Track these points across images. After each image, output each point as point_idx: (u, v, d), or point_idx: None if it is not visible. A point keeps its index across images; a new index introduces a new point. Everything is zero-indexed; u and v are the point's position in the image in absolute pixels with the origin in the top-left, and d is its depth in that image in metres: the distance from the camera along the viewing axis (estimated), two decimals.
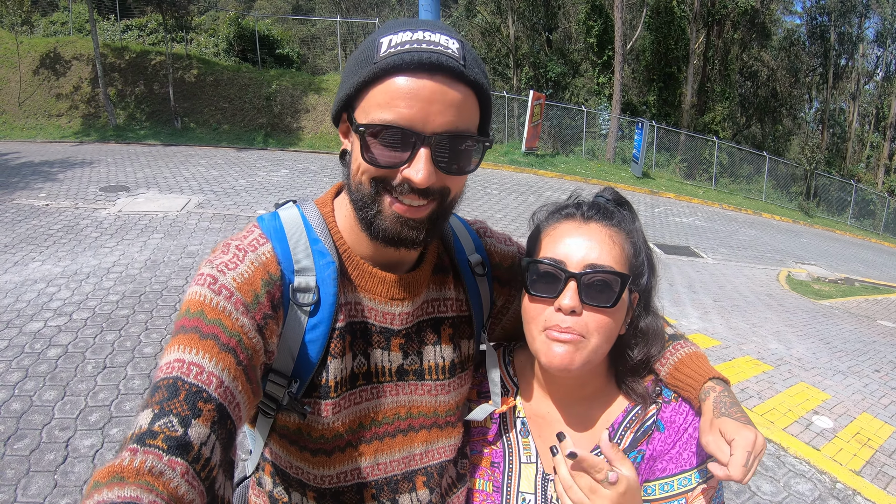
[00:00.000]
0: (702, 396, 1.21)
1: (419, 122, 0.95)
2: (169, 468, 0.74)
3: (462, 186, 1.11)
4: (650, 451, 1.26)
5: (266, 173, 15.74)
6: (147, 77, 22.36)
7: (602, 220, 1.24)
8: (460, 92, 0.97)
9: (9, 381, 5.03)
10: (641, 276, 1.27)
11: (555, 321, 1.18)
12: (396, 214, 1.02)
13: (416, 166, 0.96)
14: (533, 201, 16.40)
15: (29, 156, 16.31)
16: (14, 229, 9.47)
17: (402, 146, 0.97)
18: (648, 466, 1.26)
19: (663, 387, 1.31)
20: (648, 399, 1.29)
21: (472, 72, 0.98)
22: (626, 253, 1.23)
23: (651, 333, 1.29)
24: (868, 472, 5.27)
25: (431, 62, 0.94)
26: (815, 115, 42.50)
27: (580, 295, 1.15)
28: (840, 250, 21.95)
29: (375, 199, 1.03)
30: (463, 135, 0.99)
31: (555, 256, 1.20)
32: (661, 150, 28.54)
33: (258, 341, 0.98)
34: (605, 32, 30.39)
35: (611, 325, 1.19)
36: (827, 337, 9.64)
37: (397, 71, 0.95)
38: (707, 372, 1.24)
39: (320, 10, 40.33)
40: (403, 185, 0.99)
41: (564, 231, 1.24)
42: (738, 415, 1.11)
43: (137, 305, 6.72)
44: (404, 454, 1.24)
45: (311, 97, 22.62)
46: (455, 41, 0.98)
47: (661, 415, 1.28)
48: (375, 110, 0.97)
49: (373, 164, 0.99)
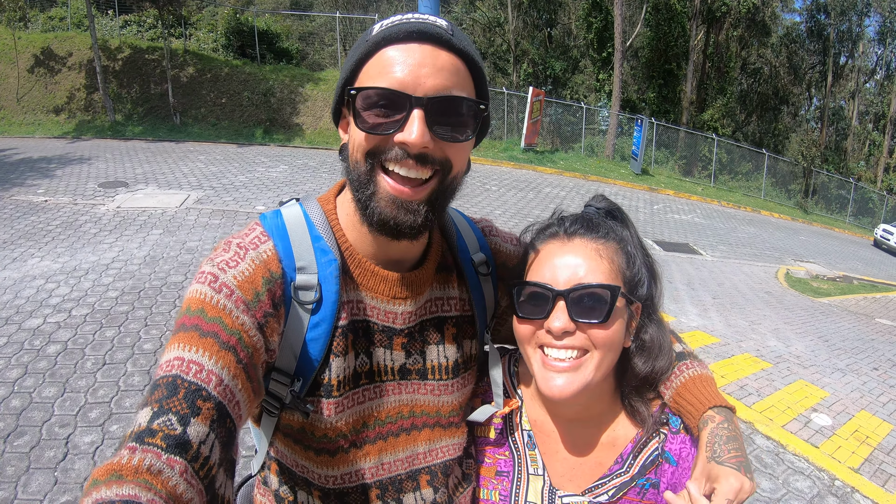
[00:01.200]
0: (700, 426, 1.19)
1: (410, 85, 0.96)
2: (168, 467, 0.73)
3: (464, 162, 1.09)
4: (664, 484, 1.24)
5: (265, 169, 15.73)
6: (145, 73, 22.29)
7: (586, 234, 1.22)
8: (450, 58, 0.99)
9: (8, 377, 5.02)
10: (640, 285, 1.24)
11: (548, 340, 1.17)
12: (391, 196, 1.00)
13: (410, 128, 0.96)
14: (532, 198, 16.40)
15: (27, 152, 16.28)
16: (12, 225, 9.46)
17: (394, 109, 0.97)
18: (659, 495, 1.24)
19: (670, 415, 1.29)
20: (652, 424, 1.27)
21: (459, 41, 1.01)
22: (616, 264, 1.20)
23: (656, 346, 1.26)
24: (866, 469, 5.28)
25: (420, 30, 0.97)
26: (815, 112, 42.52)
27: (570, 313, 1.14)
28: (839, 248, 22.02)
29: (370, 176, 1.02)
30: (456, 97, 0.99)
31: (541, 279, 1.19)
32: (660, 146, 28.57)
33: (259, 339, 0.98)
34: (605, 29, 30.37)
35: (610, 339, 1.17)
36: (826, 335, 9.66)
37: (387, 42, 0.98)
38: (710, 398, 1.22)
39: (319, 5, 40.26)
40: (399, 152, 0.98)
41: (550, 252, 1.23)
42: (731, 453, 1.10)
43: (137, 301, 6.72)
44: (408, 453, 1.23)
45: (309, 92, 22.60)
46: (443, 20, 1.02)
47: (668, 445, 1.26)
48: (369, 81, 0.99)
49: (367, 131, 0.99)
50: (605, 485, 1.27)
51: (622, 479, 1.26)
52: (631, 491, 1.25)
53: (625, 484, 1.25)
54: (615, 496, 1.25)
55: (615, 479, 1.27)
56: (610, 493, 1.26)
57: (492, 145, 23.98)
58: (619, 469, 1.27)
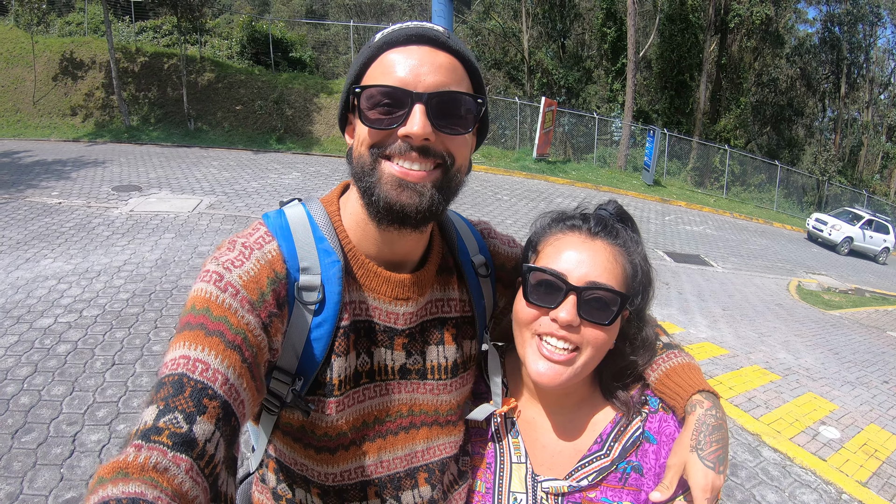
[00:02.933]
0: (688, 409, 1.22)
1: (411, 83, 1.00)
2: (173, 464, 0.74)
3: (466, 158, 1.11)
4: (646, 465, 1.26)
5: (278, 175, 15.79)
6: (161, 79, 22.47)
7: (608, 238, 1.24)
8: (447, 58, 1.04)
9: (18, 375, 5.07)
10: (636, 296, 1.27)
11: (549, 329, 1.19)
12: (397, 178, 1.02)
13: (412, 121, 1.00)
14: (543, 208, 16.31)
15: (42, 154, 16.42)
16: (27, 226, 9.54)
17: (397, 105, 1.01)
18: (641, 480, 1.26)
19: (649, 395, 1.31)
20: (632, 408, 1.29)
21: (455, 43, 1.06)
22: (626, 272, 1.23)
23: (639, 341, 1.30)
24: (874, 483, 5.23)
25: (418, 34, 1.03)
26: (829, 124, 42.27)
27: (578, 310, 1.16)
28: (851, 261, 21.81)
29: (374, 166, 1.04)
30: (455, 92, 1.03)
31: (556, 268, 1.20)
32: (672, 157, 28.47)
33: (263, 339, 0.99)
34: (619, 39, 30.41)
35: (604, 341, 1.20)
36: (836, 347, 9.58)
37: (389, 46, 1.04)
38: (697, 384, 1.24)
39: (333, 14, 40.46)
40: (402, 145, 1.02)
41: (569, 243, 1.24)
42: (713, 447, 1.14)
43: (147, 304, 6.76)
44: (406, 451, 1.25)
45: (323, 100, 22.67)
46: (441, 27, 1.06)
47: (647, 425, 1.28)
48: (372, 82, 1.04)
49: (371, 126, 1.02)
50: (585, 467, 1.29)
51: (603, 462, 1.28)
52: (612, 476, 1.27)
53: (605, 468, 1.27)
54: (595, 480, 1.27)
55: (595, 461, 1.28)
56: (590, 478, 1.27)
57: (504, 155, 23.97)
58: (599, 451, 1.29)
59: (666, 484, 1.15)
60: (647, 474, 1.26)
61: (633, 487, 1.26)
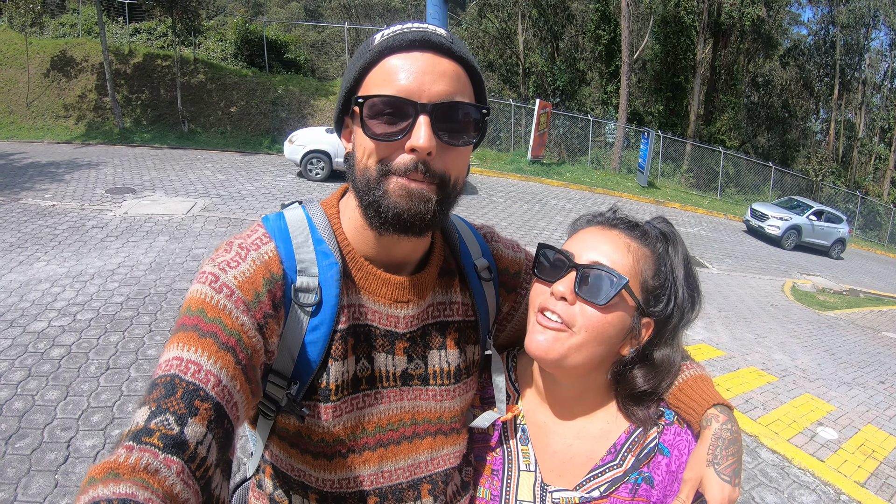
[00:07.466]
0: (703, 423, 1.20)
1: (415, 92, 0.97)
2: (164, 466, 0.73)
3: (463, 167, 1.09)
4: (657, 477, 1.25)
5: (272, 178, 15.78)
6: (155, 80, 22.45)
7: (626, 230, 1.25)
8: (450, 65, 1.01)
9: (11, 380, 5.03)
10: (658, 302, 1.24)
11: (547, 302, 1.20)
12: (406, 188, 1.00)
13: (417, 133, 0.97)
14: (538, 210, 16.40)
15: (35, 156, 16.38)
16: (20, 229, 9.49)
17: (401, 116, 0.98)
18: (651, 491, 1.25)
19: (665, 408, 1.29)
20: (649, 423, 1.27)
21: (459, 48, 1.03)
22: (640, 266, 1.21)
23: (665, 366, 1.26)
24: (872, 483, 5.24)
25: (421, 39, 0.99)
26: (822, 125, 42.45)
27: (575, 285, 1.17)
28: (845, 261, 21.91)
29: (380, 180, 1.02)
30: (459, 103, 1.01)
31: (567, 249, 1.24)
32: (666, 159, 28.56)
33: (258, 340, 0.98)
34: (613, 41, 30.48)
35: (600, 325, 1.17)
36: (832, 348, 9.61)
37: (390, 51, 1.00)
38: (711, 397, 1.23)
39: (329, 16, 40.50)
40: (409, 163, 0.99)
41: (587, 232, 1.27)
42: (728, 460, 1.14)
43: (142, 307, 6.73)
44: (409, 462, 1.22)
45: (318, 102, 22.69)
46: (442, 29, 1.04)
47: (663, 437, 1.27)
48: (374, 90, 1.00)
49: (375, 139, 1.00)
50: (597, 478, 1.27)
51: (615, 472, 1.26)
52: (622, 488, 1.25)
53: (617, 479, 1.25)
54: (607, 491, 1.25)
55: (608, 472, 1.26)
56: (602, 489, 1.26)
57: (498, 157, 24.01)
58: (612, 461, 1.27)
59: (682, 498, 1.15)
60: (658, 486, 1.24)
61: (642, 499, 1.24)
